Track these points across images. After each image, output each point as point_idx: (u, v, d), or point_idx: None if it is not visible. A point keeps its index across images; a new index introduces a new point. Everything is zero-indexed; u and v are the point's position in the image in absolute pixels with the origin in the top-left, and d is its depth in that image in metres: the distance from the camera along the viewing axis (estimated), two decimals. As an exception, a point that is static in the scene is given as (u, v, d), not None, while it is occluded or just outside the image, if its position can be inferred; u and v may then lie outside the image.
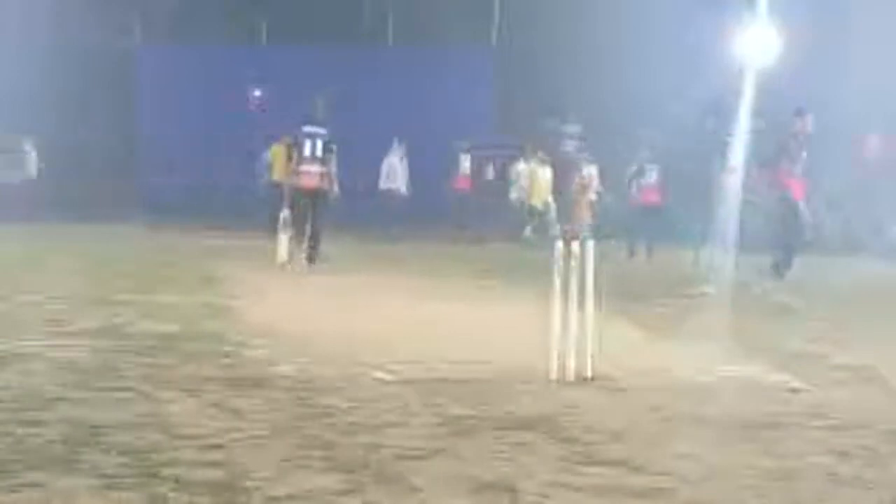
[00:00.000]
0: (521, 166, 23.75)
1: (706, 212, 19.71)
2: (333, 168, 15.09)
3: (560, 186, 23.25)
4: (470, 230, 22.97)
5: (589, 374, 7.07)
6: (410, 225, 22.74)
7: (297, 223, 15.15)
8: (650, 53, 23.07)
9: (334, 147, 15.10)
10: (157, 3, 27.35)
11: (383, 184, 23.89)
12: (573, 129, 27.57)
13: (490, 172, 25.69)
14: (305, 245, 15.06)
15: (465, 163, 24.92)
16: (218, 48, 26.93)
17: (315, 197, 15.08)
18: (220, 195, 24.03)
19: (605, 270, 7.57)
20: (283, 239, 15.20)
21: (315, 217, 15.07)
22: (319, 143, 15.10)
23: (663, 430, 5.83)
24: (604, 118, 25.16)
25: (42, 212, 22.10)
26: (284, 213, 15.38)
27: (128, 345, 7.95)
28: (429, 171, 24.58)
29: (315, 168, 15.09)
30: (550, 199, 23.34)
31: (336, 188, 15.13)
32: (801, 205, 14.71)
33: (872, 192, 21.38)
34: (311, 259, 14.99)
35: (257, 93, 27.02)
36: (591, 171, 22.58)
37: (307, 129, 15.21)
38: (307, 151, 15.11)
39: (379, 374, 7.08)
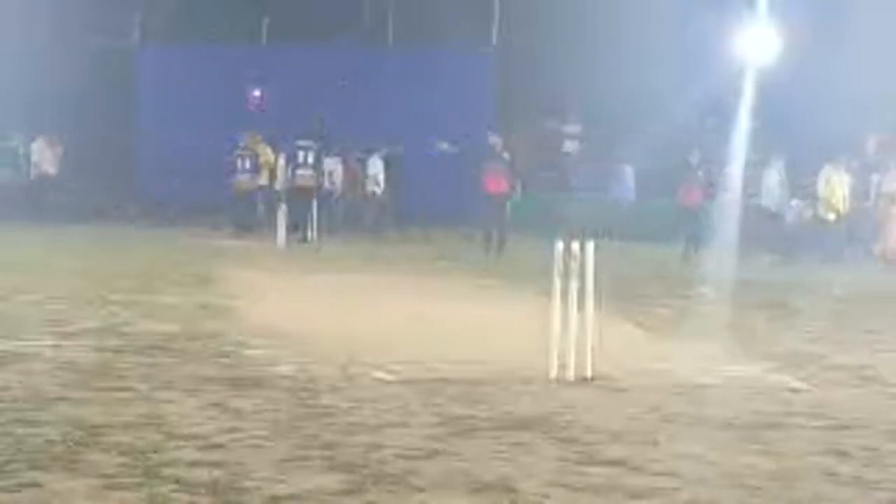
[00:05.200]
0: (822, 175, 19.48)
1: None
2: (321, 171, 20.52)
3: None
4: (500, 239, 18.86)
5: (589, 374, 7.07)
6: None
7: (295, 215, 19.69)
8: (650, 53, 23.05)
9: (322, 155, 20.49)
10: (157, 3, 27.32)
11: (764, 200, 19.97)
12: (573, 128, 27.58)
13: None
14: (302, 231, 19.75)
15: (506, 155, 19.47)
16: (218, 48, 26.89)
17: (308, 194, 19.99)
18: (220, 195, 23.96)
19: (606, 271, 7.56)
20: (282, 227, 19.38)
21: (309, 209, 19.83)
22: (311, 154, 20.32)
23: (663, 430, 5.83)
24: (604, 118, 25.14)
25: (41, 212, 22.09)
26: (283, 208, 19.57)
27: (128, 345, 7.95)
28: (428, 170, 24.55)
29: (308, 172, 20.32)
30: (846, 210, 19.37)
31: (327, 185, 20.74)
32: None
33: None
34: (305, 240, 19.59)
35: (257, 93, 26.99)
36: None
37: (301, 142, 20.42)
38: (301, 160, 20.36)
39: (379, 374, 7.09)
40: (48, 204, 23.13)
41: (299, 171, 20.34)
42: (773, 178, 19.96)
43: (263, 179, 21.88)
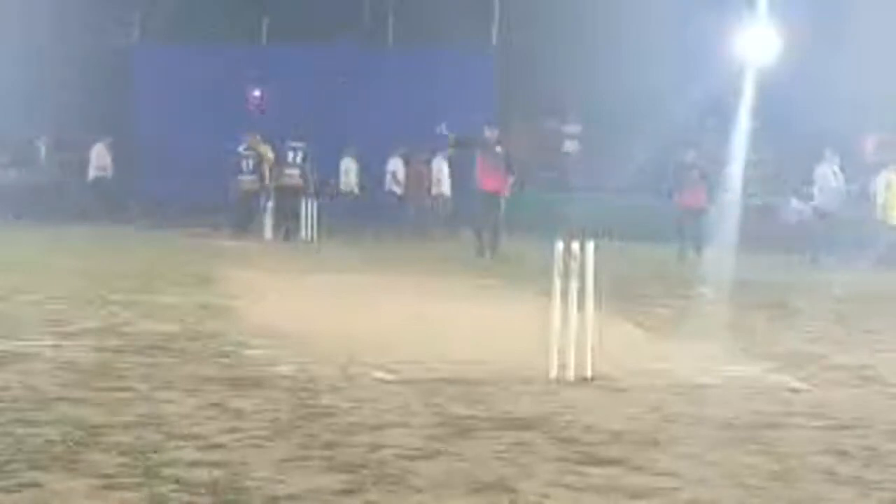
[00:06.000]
0: (881, 179, 18.96)
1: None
2: (309, 171, 21.00)
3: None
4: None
5: (589, 374, 7.07)
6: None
7: (280, 211, 20.95)
8: (651, 53, 23.06)
9: (309, 156, 20.96)
10: (157, 2, 27.34)
11: (818, 200, 19.31)
12: (573, 128, 27.58)
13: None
14: (285, 227, 20.74)
15: (499, 149, 18.27)
16: (218, 48, 26.89)
17: (295, 192, 20.83)
18: (220, 195, 24.00)
19: (606, 270, 7.56)
20: (269, 223, 21.14)
21: (295, 206, 20.73)
22: (300, 154, 20.95)
23: (663, 430, 5.83)
24: (604, 118, 25.15)
25: (42, 212, 22.12)
26: (270, 204, 21.12)
27: (128, 345, 7.95)
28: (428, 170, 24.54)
29: (296, 171, 21.01)
30: None
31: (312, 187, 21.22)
32: None
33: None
34: (287, 238, 20.46)
35: (257, 93, 27.00)
36: None
37: (291, 143, 21.10)
38: (290, 159, 21.04)
39: (379, 374, 7.08)
40: (105, 206, 23.39)
41: (287, 171, 21.07)
42: (829, 175, 19.13)
43: (266, 180, 21.97)
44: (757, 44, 22.44)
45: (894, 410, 6.61)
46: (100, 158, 24.57)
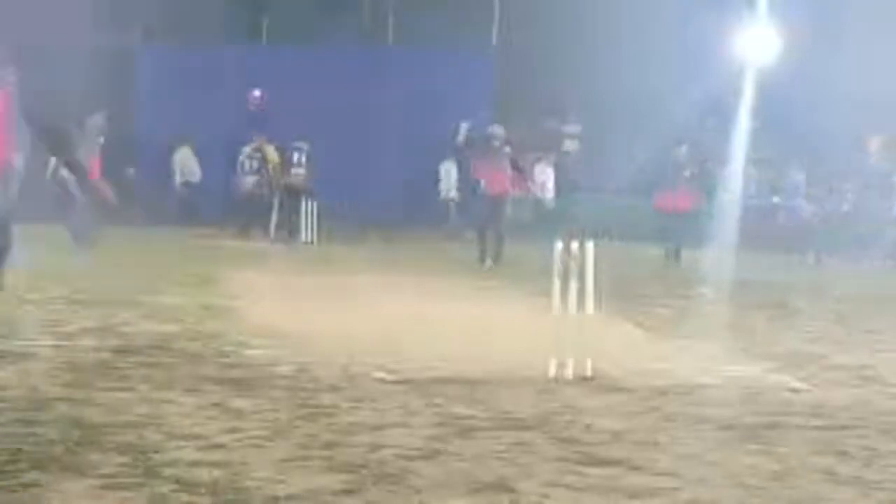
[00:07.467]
0: None
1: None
2: (313, 171, 21.02)
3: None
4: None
5: (589, 373, 7.07)
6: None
7: (283, 211, 21.18)
8: (650, 53, 23.05)
9: (313, 156, 21.13)
10: (157, 2, 27.33)
11: None
12: (573, 128, 27.56)
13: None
14: (287, 228, 20.84)
15: (507, 149, 17.54)
16: (218, 48, 26.88)
17: (298, 192, 20.86)
18: (220, 195, 23.99)
19: (604, 270, 7.56)
20: (273, 223, 21.37)
21: (298, 205, 20.71)
22: (304, 154, 21.11)
23: (663, 430, 5.83)
24: (604, 118, 25.14)
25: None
26: (276, 202, 21.42)
27: (128, 345, 7.95)
28: (428, 170, 24.56)
29: (301, 171, 21.14)
30: None
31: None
32: None
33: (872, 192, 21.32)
34: (288, 238, 20.39)
35: (257, 93, 26.98)
36: None
37: (295, 144, 21.27)
38: (295, 160, 21.25)
39: (379, 374, 7.09)
40: (196, 210, 23.48)
41: (293, 171, 21.22)
42: None
43: (270, 181, 22.01)
44: (757, 44, 22.43)
45: (894, 410, 6.61)
46: (186, 163, 24.72)
